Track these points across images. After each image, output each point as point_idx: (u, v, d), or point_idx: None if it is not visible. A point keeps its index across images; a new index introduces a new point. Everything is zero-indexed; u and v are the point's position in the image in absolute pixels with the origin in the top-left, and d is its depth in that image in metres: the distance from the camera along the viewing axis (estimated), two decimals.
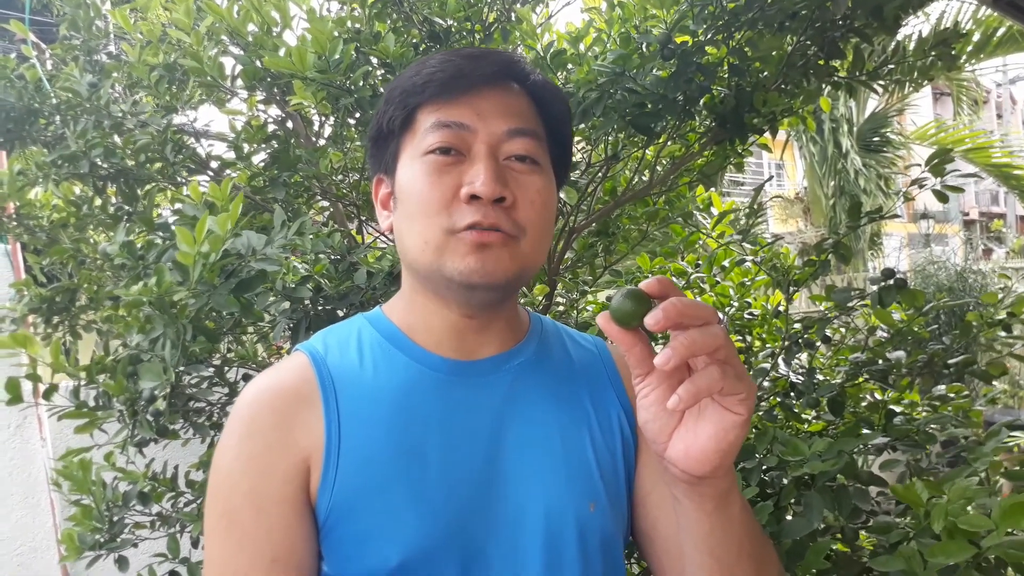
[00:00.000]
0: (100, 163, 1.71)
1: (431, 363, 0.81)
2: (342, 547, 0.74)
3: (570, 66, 1.72)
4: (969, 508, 0.98)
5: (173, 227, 1.15)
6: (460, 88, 0.77)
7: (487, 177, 0.74)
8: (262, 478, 0.74)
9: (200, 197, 1.04)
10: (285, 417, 0.76)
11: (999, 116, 22.59)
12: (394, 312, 0.86)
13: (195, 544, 1.72)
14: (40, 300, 1.93)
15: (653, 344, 0.67)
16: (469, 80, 0.77)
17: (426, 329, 0.83)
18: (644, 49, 1.58)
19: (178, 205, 1.75)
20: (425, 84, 0.77)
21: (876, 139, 9.19)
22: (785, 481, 1.36)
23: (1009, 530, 0.88)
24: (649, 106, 1.58)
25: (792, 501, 1.33)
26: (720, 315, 1.76)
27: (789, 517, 1.32)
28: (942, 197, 1.48)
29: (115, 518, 1.55)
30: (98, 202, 1.94)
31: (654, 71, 1.61)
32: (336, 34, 1.45)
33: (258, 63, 1.72)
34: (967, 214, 21.77)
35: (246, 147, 1.87)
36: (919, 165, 1.51)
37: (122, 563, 1.59)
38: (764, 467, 1.23)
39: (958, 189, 1.48)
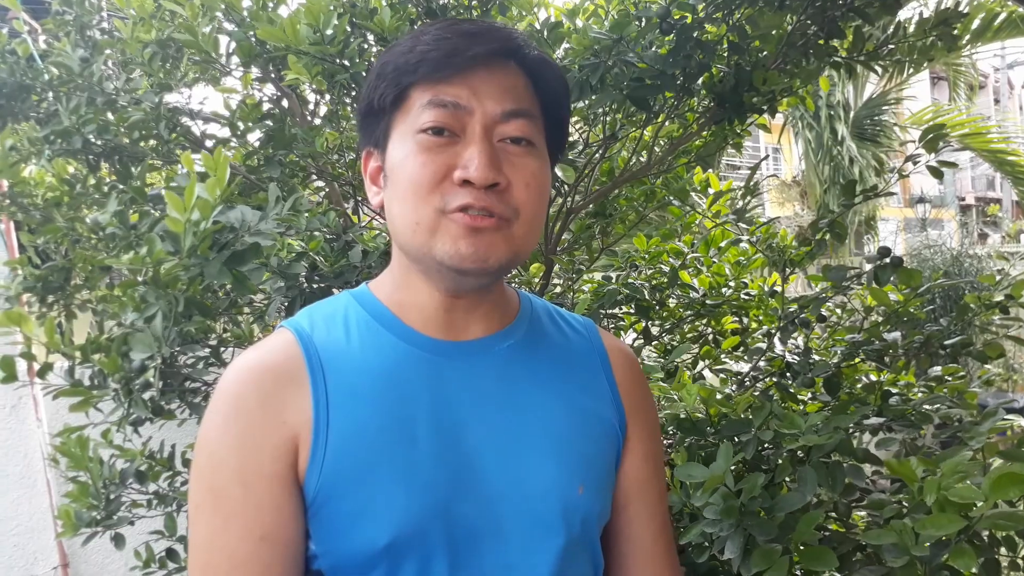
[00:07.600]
0: (93, 139, 1.69)
1: (419, 342, 0.80)
2: (331, 526, 0.74)
3: (567, 44, 1.70)
4: (960, 485, 0.99)
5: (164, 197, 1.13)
6: (455, 67, 0.75)
7: (481, 162, 0.73)
8: (250, 456, 0.73)
9: (193, 166, 1.03)
10: (272, 395, 0.75)
11: (996, 101, 22.55)
12: (381, 290, 0.85)
13: None
14: (34, 279, 1.91)
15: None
16: (464, 59, 0.75)
17: (415, 308, 0.82)
18: (642, 24, 1.57)
19: (174, 184, 1.74)
20: (419, 63, 0.75)
21: (870, 123, 9.15)
22: (779, 462, 1.37)
23: (999, 501, 0.89)
24: (648, 81, 1.57)
25: (787, 479, 1.33)
26: None
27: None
28: (937, 173, 1.48)
29: (112, 496, 1.55)
30: (92, 181, 1.92)
31: (653, 47, 1.60)
32: (331, 8, 1.43)
33: (253, 39, 1.70)
34: (963, 199, 21.82)
35: (241, 125, 1.86)
36: (914, 142, 1.51)
37: (118, 541, 1.60)
38: (760, 442, 1.23)
39: (952, 164, 1.47)
